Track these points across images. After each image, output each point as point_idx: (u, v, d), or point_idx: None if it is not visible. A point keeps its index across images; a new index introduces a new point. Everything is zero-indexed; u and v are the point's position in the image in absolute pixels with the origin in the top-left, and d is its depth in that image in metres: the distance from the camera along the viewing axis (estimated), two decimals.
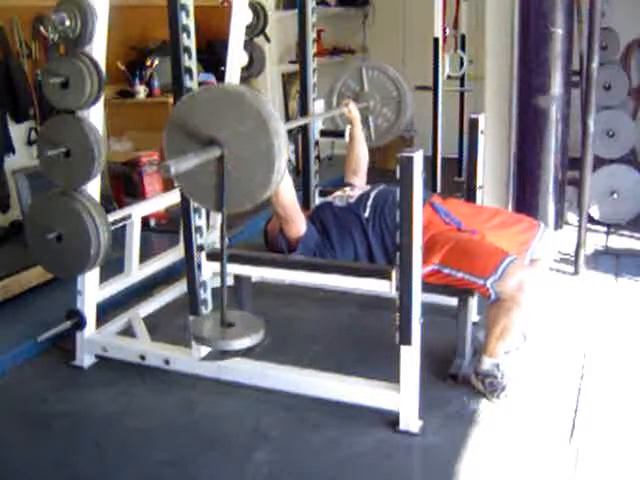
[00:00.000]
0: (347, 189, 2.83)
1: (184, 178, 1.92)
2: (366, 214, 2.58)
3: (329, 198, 2.79)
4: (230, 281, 3.05)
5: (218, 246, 3.17)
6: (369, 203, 2.61)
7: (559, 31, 3.50)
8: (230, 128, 1.86)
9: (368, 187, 2.78)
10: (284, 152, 1.87)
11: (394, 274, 2.17)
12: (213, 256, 2.44)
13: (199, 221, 2.40)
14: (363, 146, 3.19)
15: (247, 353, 2.01)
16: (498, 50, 3.88)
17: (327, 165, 6.06)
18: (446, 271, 2.40)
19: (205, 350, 2.53)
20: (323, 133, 3.49)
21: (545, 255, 2.68)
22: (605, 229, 4.26)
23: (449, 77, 5.13)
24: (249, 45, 3.39)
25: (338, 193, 2.80)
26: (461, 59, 5.39)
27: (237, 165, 1.88)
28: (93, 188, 2.51)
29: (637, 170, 4.36)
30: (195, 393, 2.56)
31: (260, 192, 1.91)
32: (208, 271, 2.45)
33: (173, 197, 3.18)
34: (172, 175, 1.77)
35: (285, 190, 2.33)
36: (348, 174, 3.16)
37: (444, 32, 4.81)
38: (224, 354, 2.09)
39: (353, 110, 3.16)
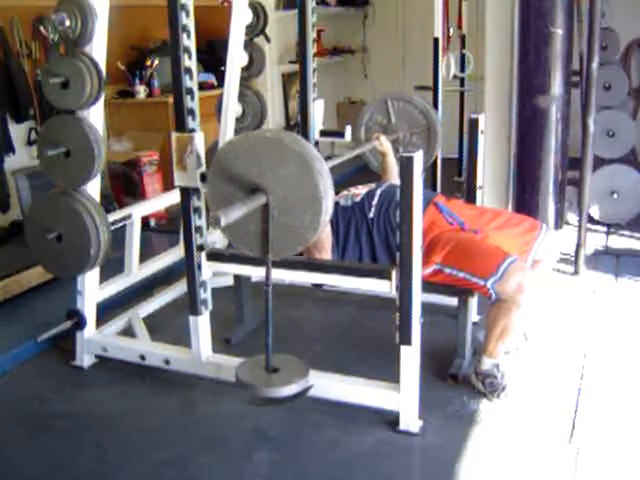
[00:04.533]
0: (352, 188, 2.82)
1: (231, 226, 1.90)
2: (371, 214, 2.58)
3: (335, 198, 2.78)
4: (230, 281, 3.06)
5: (218, 246, 3.18)
6: (374, 202, 2.60)
7: (559, 31, 3.50)
8: (273, 173, 1.86)
9: (374, 185, 2.77)
10: (330, 192, 1.87)
11: (394, 274, 2.17)
12: (213, 256, 2.44)
13: (199, 221, 2.39)
14: (396, 176, 3.15)
15: (293, 399, 2.03)
16: (498, 50, 3.88)
17: None
18: (447, 271, 2.41)
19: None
20: (323, 133, 3.49)
21: (548, 256, 2.68)
22: (605, 229, 4.26)
23: (454, 77, 5.13)
24: (249, 45, 3.39)
25: (344, 192, 2.79)
26: (463, 58, 5.40)
27: (284, 209, 1.88)
28: (93, 188, 2.51)
29: (637, 170, 4.36)
30: (195, 393, 2.56)
31: (310, 234, 1.90)
32: (208, 271, 2.45)
33: (173, 197, 3.18)
34: (222, 227, 1.77)
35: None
36: None
37: (448, 32, 4.81)
38: (269, 400, 2.11)
39: (384, 143, 3.11)
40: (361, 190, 2.72)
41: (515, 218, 2.75)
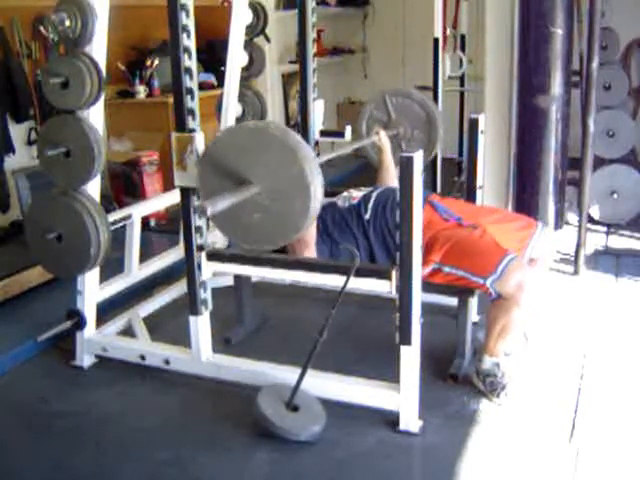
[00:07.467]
0: (352, 190, 2.82)
1: (223, 219, 1.91)
2: (367, 216, 2.58)
3: (334, 199, 2.79)
4: (230, 281, 3.06)
5: (218, 246, 3.18)
6: (370, 205, 2.61)
7: (559, 31, 3.50)
8: (261, 162, 1.88)
9: (370, 188, 2.78)
10: (318, 177, 1.89)
11: (394, 274, 2.17)
12: (213, 256, 2.44)
13: (199, 221, 2.39)
14: (392, 173, 3.11)
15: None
16: (498, 50, 3.88)
17: (327, 165, 6.06)
18: (447, 270, 2.41)
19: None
20: (323, 133, 3.49)
21: (545, 254, 2.68)
22: (605, 229, 4.26)
23: (450, 77, 5.13)
24: (249, 45, 3.39)
25: (343, 194, 2.80)
26: (460, 59, 5.40)
27: (274, 198, 1.91)
28: (93, 188, 2.51)
29: (637, 170, 4.35)
30: (195, 393, 2.56)
31: (301, 221, 1.92)
32: (208, 271, 2.45)
33: (173, 197, 3.18)
34: (209, 215, 1.77)
35: None
36: None
37: (444, 32, 4.81)
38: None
39: (383, 138, 3.11)
40: (359, 193, 2.72)
41: (511, 215, 2.75)
